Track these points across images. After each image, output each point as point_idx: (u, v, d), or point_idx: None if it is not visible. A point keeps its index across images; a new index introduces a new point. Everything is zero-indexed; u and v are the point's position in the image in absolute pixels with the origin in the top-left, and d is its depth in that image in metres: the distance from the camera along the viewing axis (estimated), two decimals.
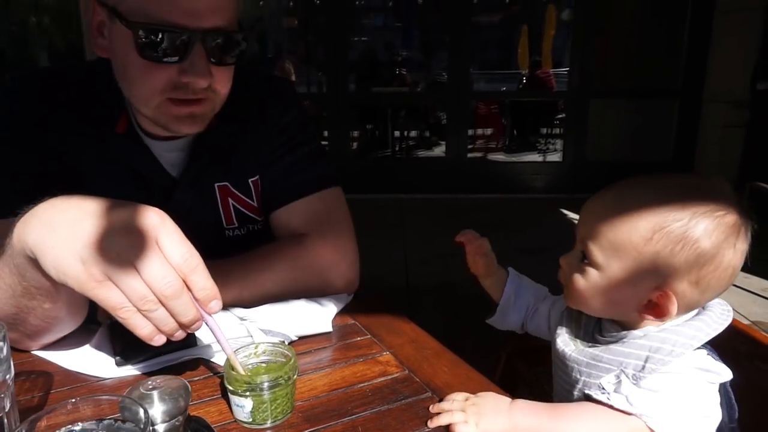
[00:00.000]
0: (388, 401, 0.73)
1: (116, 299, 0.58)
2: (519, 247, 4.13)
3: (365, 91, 7.51)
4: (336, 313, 0.96)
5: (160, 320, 0.60)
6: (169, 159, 1.01)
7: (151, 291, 0.58)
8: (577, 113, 5.59)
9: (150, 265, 0.57)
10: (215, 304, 0.63)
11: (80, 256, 0.57)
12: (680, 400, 0.68)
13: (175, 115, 0.88)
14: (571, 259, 0.78)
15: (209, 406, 0.71)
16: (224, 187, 1.05)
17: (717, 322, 0.72)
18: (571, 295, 0.79)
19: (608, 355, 0.73)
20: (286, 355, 0.71)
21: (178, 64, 0.84)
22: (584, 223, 0.76)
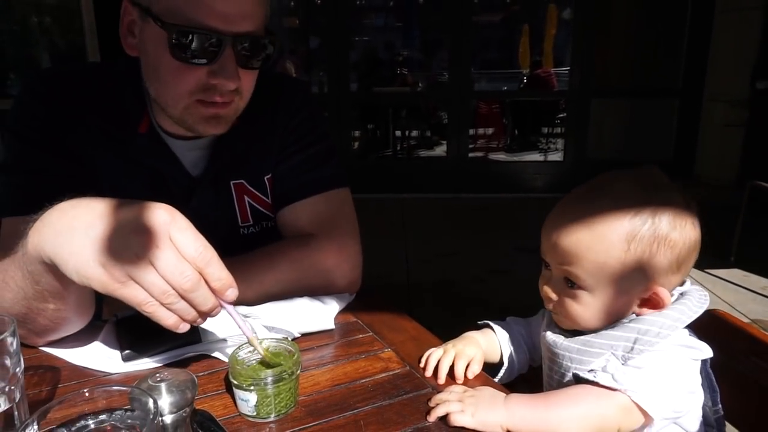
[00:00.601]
0: (389, 396, 0.74)
1: (140, 296, 0.61)
2: (519, 246, 4.15)
3: (366, 91, 7.51)
4: (338, 311, 0.97)
5: (182, 311, 0.63)
6: (190, 159, 1.02)
7: (170, 286, 0.60)
8: (578, 112, 5.61)
9: (166, 261, 0.59)
10: (231, 293, 0.65)
11: (100, 260, 0.59)
12: (663, 374, 0.71)
13: (202, 116, 0.90)
14: (555, 286, 0.80)
15: (214, 400, 0.73)
16: (240, 184, 1.07)
17: (697, 305, 0.76)
18: (566, 319, 0.80)
19: (599, 340, 0.76)
20: (290, 350, 0.72)
21: (208, 66, 0.85)
22: (556, 248, 0.77)
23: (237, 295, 0.66)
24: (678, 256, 0.74)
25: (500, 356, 0.93)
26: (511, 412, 0.68)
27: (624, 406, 0.69)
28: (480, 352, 0.83)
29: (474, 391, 0.72)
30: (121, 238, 0.59)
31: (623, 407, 0.69)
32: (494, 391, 0.73)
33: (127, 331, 0.83)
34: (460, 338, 0.87)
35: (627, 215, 0.73)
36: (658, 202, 0.74)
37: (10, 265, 0.71)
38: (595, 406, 0.70)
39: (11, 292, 0.72)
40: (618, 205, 0.74)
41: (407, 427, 0.67)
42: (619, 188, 0.76)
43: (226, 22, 0.83)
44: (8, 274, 0.71)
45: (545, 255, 0.81)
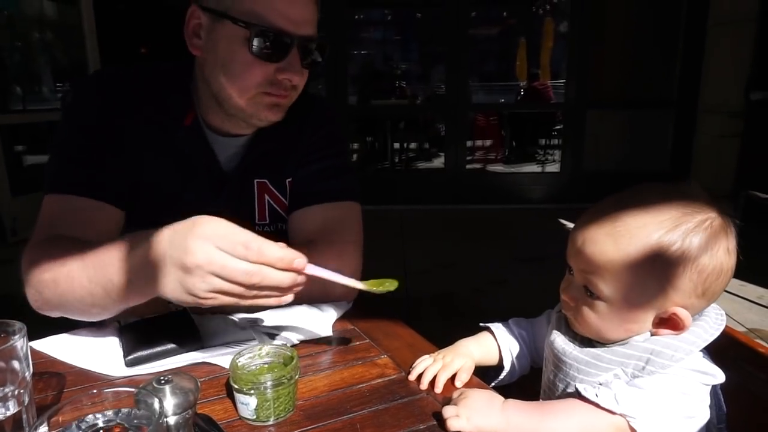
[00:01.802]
0: (385, 401, 0.76)
1: (231, 300, 0.69)
2: (518, 256, 4.17)
3: (365, 104, 7.58)
4: (336, 318, 0.99)
5: (271, 293, 0.70)
6: (226, 155, 1.10)
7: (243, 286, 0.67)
8: (575, 124, 5.65)
9: (227, 271, 0.66)
10: (299, 262, 0.70)
11: (184, 291, 0.68)
12: (667, 400, 0.70)
13: (265, 103, 0.99)
14: (574, 292, 0.78)
15: (215, 404, 0.75)
16: (263, 183, 1.13)
17: (713, 327, 0.75)
18: (582, 327, 0.79)
19: (610, 356, 0.75)
20: (289, 356, 0.74)
21: (277, 63, 0.96)
22: (580, 255, 0.75)
23: (306, 262, 0.71)
24: (705, 281, 0.71)
25: (499, 359, 0.94)
26: (507, 419, 0.69)
27: (619, 428, 0.69)
28: (469, 361, 0.85)
29: (470, 395, 0.73)
30: (182, 269, 0.67)
31: (619, 429, 0.69)
32: (491, 394, 0.74)
33: (131, 336, 0.86)
34: (452, 347, 0.88)
35: (656, 232, 0.70)
36: (693, 222, 0.70)
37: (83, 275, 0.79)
38: (591, 424, 0.70)
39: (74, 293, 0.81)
40: (648, 220, 0.71)
41: (402, 430, 0.70)
42: (652, 202, 0.73)
43: (295, 26, 0.95)
44: (79, 282, 0.80)
45: (569, 259, 0.79)
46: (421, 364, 0.83)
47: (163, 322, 0.90)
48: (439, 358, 0.84)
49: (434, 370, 0.81)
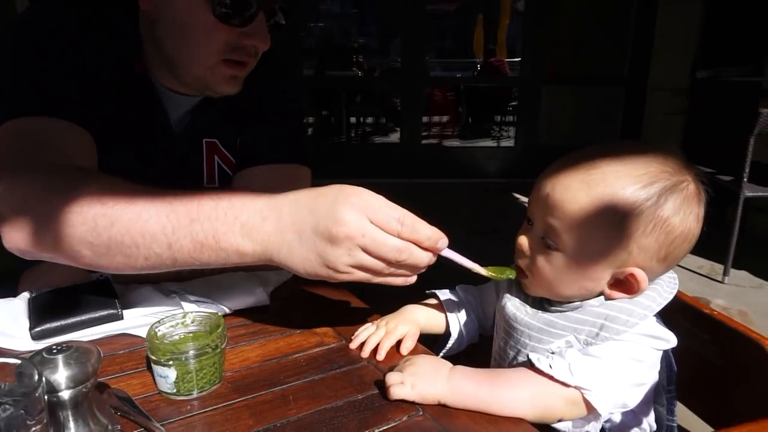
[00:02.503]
0: (322, 370, 0.71)
1: (365, 276, 0.66)
2: (473, 229, 4.19)
3: (321, 76, 7.40)
4: (276, 286, 0.93)
5: (405, 273, 0.68)
6: (177, 114, 1.01)
7: (386, 263, 0.64)
8: (529, 100, 5.69)
9: (376, 245, 0.63)
10: (442, 243, 0.68)
11: (323, 263, 0.64)
12: (621, 370, 0.68)
13: (224, 75, 0.92)
14: (532, 241, 0.74)
15: (132, 378, 0.68)
16: (213, 143, 1.05)
17: (667, 291, 0.73)
18: (535, 282, 0.75)
19: (563, 321, 0.72)
20: (215, 324, 0.68)
21: (241, 27, 0.87)
22: (547, 201, 0.71)
23: (447, 242, 0.68)
24: (670, 244, 0.69)
25: (445, 327, 0.89)
26: (453, 386, 0.65)
27: (573, 400, 0.66)
28: (414, 327, 0.80)
29: (416, 361, 0.68)
30: (331, 239, 0.62)
31: (572, 401, 0.66)
32: (438, 361, 0.70)
33: (41, 307, 0.77)
34: (397, 313, 0.84)
35: (633, 185, 0.67)
36: (671, 181, 0.68)
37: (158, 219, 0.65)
38: (542, 393, 0.66)
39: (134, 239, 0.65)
40: (626, 172, 0.68)
41: (339, 400, 0.65)
42: (631, 155, 0.70)
43: None
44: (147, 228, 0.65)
45: (531, 207, 0.74)
46: (363, 332, 0.78)
47: (79, 291, 0.81)
48: (382, 324, 0.79)
49: (377, 337, 0.76)
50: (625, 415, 0.77)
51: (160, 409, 0.62)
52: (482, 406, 0.64)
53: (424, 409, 0.63)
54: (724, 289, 3.02)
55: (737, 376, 0.82)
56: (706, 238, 0.76)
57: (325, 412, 0.62)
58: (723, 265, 3.07)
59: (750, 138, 2.82)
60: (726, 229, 3.02)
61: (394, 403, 0.64)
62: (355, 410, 0.63)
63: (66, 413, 0.50)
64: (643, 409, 0.79)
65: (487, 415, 0.63)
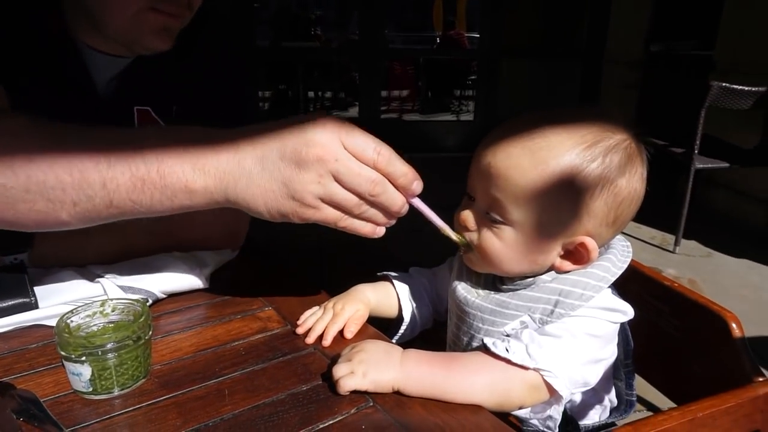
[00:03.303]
0: (263, 360, 0.65)
1: (334, 215, 0.60)
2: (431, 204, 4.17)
3: (277, 47, 7.16)
4: (215, 268, 0.85)
5: (375, 216, 0.62)
6: (103, 76, 0.91)
7: (359, 196, 0.59)
8: (488, 73, 5.66)
9: (350, 173, 0.58)
10: (417, 185, 0.63)
11: (288, 193, 0.57)
12: (580, 348, 0.64)
13: (152, 27, 0.82)
14: (476, 216, 0.69)
15: (44, 376, 0.60)
16: (145, 111, 0.94)
17: (621, 260, 0.69)
18: (482, 259, 0.69)
19: (516, 301, 0.68)
20: (139, 312, 0.60)
21: None
22: (489, 173, 0.66)
23: (422, 187, 0.64)
24: (618, 206, 0.66)
25: (398, 310, 0.84)
26: (406, 371, 0.59)
27: (534, 384, 0.62)
28: (363, 308, 0.75)
29: (363, 346, 0.62)
30: (297, 164, 0.57)
31: (533, 385, 0.62)
32: (388, 345, 0.64)
33: None
34: (345, 294, 0.78)
35: (577, 147, 0.63)
36: (613, 140, 0.64)
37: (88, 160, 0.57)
38: (501, 379, 0.61)
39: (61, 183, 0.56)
40: (569, 134, 0.64)
41: (280, 393, 0.59)
42: (572, 118, 0.66)
43: None
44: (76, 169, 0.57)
45: (472, 181, 0.70)
46: (310, 317, 0.72)
47: None
48: (329, 307, 0.73)
49: (324, 322, 0.70)
50: (586, 394, 0.74)
51: (74, 411, 0.55)
52: (438, 392, 0.59)
53: (375, 400, 0.58)
54: (675, 259, 3.09)
55: (697, 348, 0.80)
56: (659, 209, 0.74)
57: (265, 408, 0.56)
58: (674, 236, 3.14)
59: (701, 111, 2.86)
60: (677, 200, 3.08)
61: (341, 395, 0.58)
62: (298, 404, 0.57)
63: None
64: (604, 386, 0.77)
65: (443, 404, 0.58)
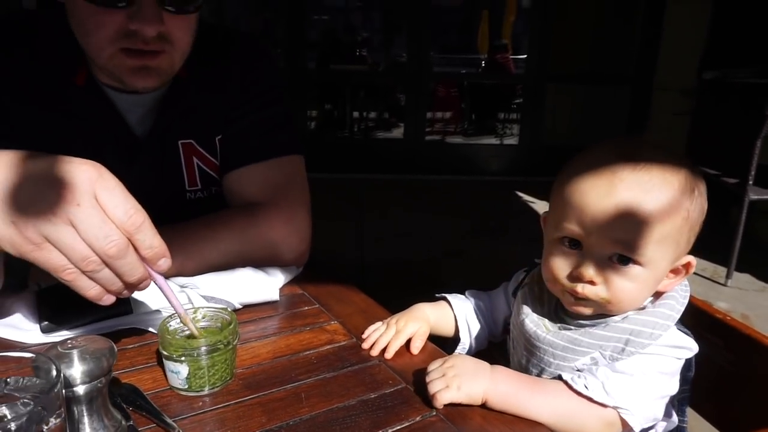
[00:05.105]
0: (333, 368, 0.71)
1: (57, 261, 0.54)
2: (475, 228, 4.18)
3: (325, 69, 7.37)
4: (284, 283, 0.93)
5: (106, 281, 0.56)
6: (135, 115, 0.94)
7: (93, 251, 0.54)
8: (534, 97, 5.67)
9: (89, 222, 0.53)
10: (164, 263, 0.59)
11: (11, 218, 0.52)
12: (653, 386, 0.68)
13: (128, 67, 0.82)
14: (597, 267, 0.68)
15: (143, 373, 0.67)
16: (189, 144, 0.98)
17: (682, 296, 0.73)
18: (613, 305, 0.70)
19: (587, 339, 0.71)
20: (227, 320, 0.67)
21: (126, 9, 0.77)
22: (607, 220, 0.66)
23: (170, 266, 0.60)
24: (695, 234, 0.71)
25: (455, 331, 0.89)
26: (495, 385, 0.64)
27: (610, 420, 0.66)
28: (425, 326, 0.79)
29: (455, 362, 0.66)
30: (36, 193, 0.52)
31: (609, 421, 0.66)
32: (476, 360, 0.68)
33: (49, 300, 0.76)
34: (407, 311, 0.83)
35: (679, 180, 0.67)
36: (695, 172, 0.69)
37: None
38: (578, 411, 0.65)
39: None
40: (666, 168, 0.67)
41: (351, 399, 0.64)
42: (659, 154, 0.69)
43: None
44: None
45: (585, 231, 0.68)
46: (374, 332, 0.78)
47: None
48: (392, 323, 0.79)
49: (387, 337, 0.76)
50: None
51: (171, 404, 0.62)
52: (521, 409, 0.64)
53: (438, 410, 0.63)
54: (726, 292, 3.01)
55: (750, 383, 0.81)
56: (710, 240, 0.76)
57: (338, 411, 0.62)
58: (726, 268, 3.06)
59: (757, 141, 2.81)
60: (729, 231, 3.00)
61: (407, 403, 0.64)
62: (368, 409, 0.62)
63: (81, 408, 0.49)
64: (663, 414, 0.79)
65: (502, 416, 0.63)
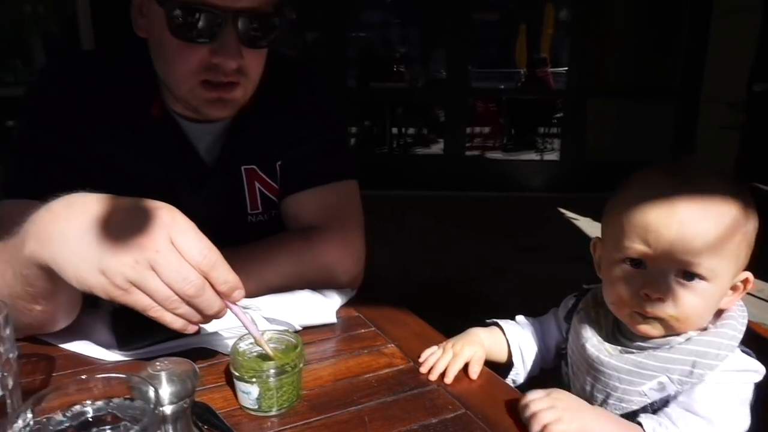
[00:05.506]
0: (394, 392, 0.72)
1: (144, 302, 0.59)
2: (517, 245, 4.14)
3: (364, 87, 7.47)
4: (340, 305, 0.95)
5: (188, 315, 0.61)
6: (205, 143, 1.00)
7: (174, 292, 0.58)
8: (575, 112, 5.60)
9: (169, 267, 0.57)
10: (238, 294, 0.63)
11: (99, 267, 0.57)
12: (727, 419, 0.68)
13: (205, 99, 0.88)
14: (663, 285, 0.70)
15: (213, 393, 0.70)
16: (252, 170, 1.03)
17: (741, 317, 0.73)
18: (681, 323, 0.71)
19: (653, 362, 0.71)
20: (293, 343, 0.70)
21: (209, 44, 0.83)
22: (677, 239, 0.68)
23: (243, 296, 0.64)
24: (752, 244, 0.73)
25: (507, 356, 0.89)
26: (599, 421, 0.66)
27: None
28: (481, 350, 0.80)
29: (562, 396, 0.67)
30: (119, 243, 0.56)
31: None
32: (576, 396, 0.70)
33: (125, 319, 0.81)
34: (462, 336, 0.84)
35: (736, 199, 0.69)
36: (744, 188, 0.72)
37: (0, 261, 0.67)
38: None
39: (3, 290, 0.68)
40: (724, 188, 0.70)
41: (413, 423, 0.66)
42: (705, 172, 0.73)
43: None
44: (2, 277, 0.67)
45: (649, 249, 0.70)
46: (431, 356, 0.79)
47: None
48: (448, 347, 0.80)
49: (445, 361, 0.77)
50: None
51: (242, 424, 0.65)
52: None
53: None
54: None
55: None
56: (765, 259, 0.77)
57: None
58: None
59: None
60: None
61: (468, 429, 0.65)
62: None
63: (167, 428, 0.52)
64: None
65: None
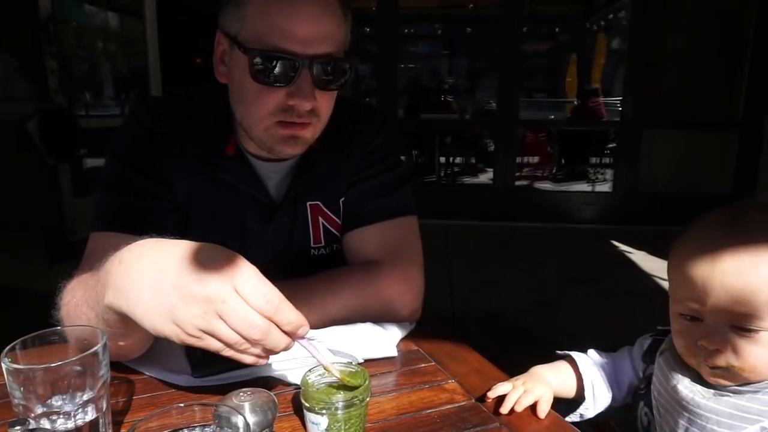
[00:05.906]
0: (456, 428, 0.73)
1: (216, 346, 0.63)
2: (567, 278, 4.04)
3: (413, 118, 7.57)
4: (401, 338, 0.97)
5: (258, 353, 0.64)
6: (273, 181, 1.06)
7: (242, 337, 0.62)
8: (629, 143, 5.49)
9: (236, 317, 0.60)
10: (303, 331, 0.66)
11: (172, 319, 0.61)
12: None
13: (280, 136, 0.94)
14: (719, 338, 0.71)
15: (282, 422, 0.73)
16: (316, 206, 1.09)
17: None
18: (747, 373, 0.71)
19: (756, 405, 0.70)
20: (359, 376, 0.72)
21: (286, 88, 0.90)
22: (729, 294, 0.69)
23: (308, 332, 0.66)
24: None
25: (575, 392, 0.88)
26: None
27: None
28: (550, 391, 0.80)
29: None
30: (188, 295, 0.60)
31: None
32: None
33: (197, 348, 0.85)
34: (528, 374, 0.84)
35: None
36: None
37: (83, 301, 0.73)
38: None
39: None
40: None
41: None
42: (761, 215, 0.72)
43: (303, 45, 0.88)
44: (81, 310, 0.74)
45: (702, 306, 0.71)
46: (500, 389, 0.79)
47: None
48: (518, 383, 0.80)
49: (516, 395, 0.77)
50: None
51: None
52: None
53: None
54: None
55: None
56: None
57: None
58: None
59: None
60: None
61: None
62: None
63: None
64: None
65: None
